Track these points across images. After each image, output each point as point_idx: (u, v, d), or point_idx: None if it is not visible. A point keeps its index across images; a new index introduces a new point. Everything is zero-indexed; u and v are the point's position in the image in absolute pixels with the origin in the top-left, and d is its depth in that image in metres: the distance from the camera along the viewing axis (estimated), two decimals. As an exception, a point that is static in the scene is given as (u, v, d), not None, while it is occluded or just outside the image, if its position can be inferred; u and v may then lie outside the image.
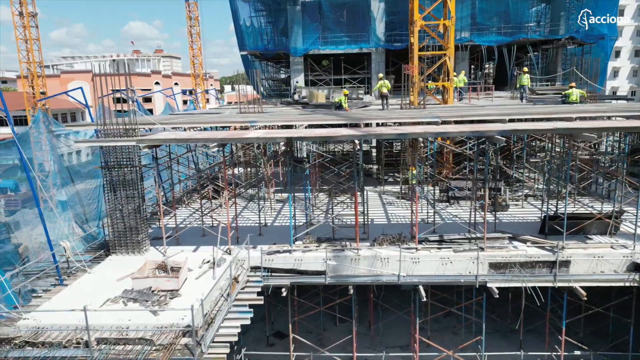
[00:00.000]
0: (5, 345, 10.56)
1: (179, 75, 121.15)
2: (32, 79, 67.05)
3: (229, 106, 31.00)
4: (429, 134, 13.97)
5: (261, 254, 15.00)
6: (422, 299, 14.30)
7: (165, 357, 10.02)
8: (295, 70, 41.50)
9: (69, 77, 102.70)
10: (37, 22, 66.67)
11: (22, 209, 65.57)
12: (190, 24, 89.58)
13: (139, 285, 12.74)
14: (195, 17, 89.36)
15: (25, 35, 65.21)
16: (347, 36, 40.80)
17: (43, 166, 42.36)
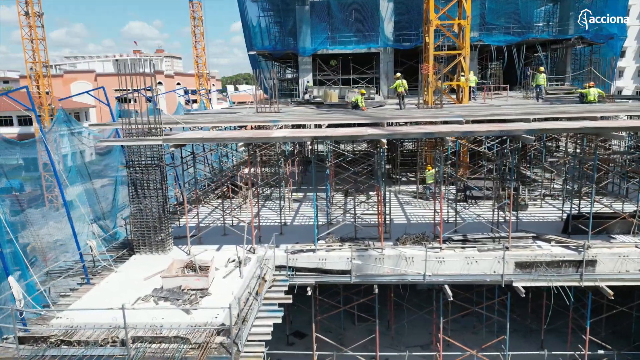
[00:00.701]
0: (41, 343, 10.57)
1: (182, 75, 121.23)
2: (37, 79, 67.15)
3: (246, 106, 30.99)
4: (456, 133, 13.99)
5: (287, 254, 15.01)
6: (449, 298, 14.30)
7: (203, 356, 10.03)
8: (303, 70, 41.52)
9: (71, 77, 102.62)
10: (42, 21, 66.78)
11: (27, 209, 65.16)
12: (194, 24, 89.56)
13: (169, 284, 12.75)
14: (199, 17, 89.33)
15: (31, 35, 65.30)
16: (356, 36, 40.84)
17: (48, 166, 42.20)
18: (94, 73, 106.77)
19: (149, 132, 14.96)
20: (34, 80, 66.87)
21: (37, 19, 65.30)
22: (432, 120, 16.05)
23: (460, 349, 16.59)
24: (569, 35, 38.89)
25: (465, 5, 24.23)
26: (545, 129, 14.30)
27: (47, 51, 68.63)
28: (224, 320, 11.31)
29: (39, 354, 10.25)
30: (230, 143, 21.46)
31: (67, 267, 15.89)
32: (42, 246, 46.57)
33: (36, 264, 39.60)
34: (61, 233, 31.76)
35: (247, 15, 44.41)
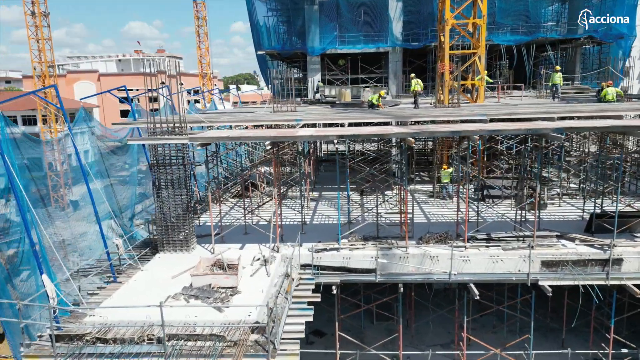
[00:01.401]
0: (77, 341, 10.58)
1: (184, 75, 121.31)
2: (44, 79, 67.21)
3: (262, 105, 31.01)
4: (484, 132, 14.01)
5: (312, 252, 15.03)
6: (475, 296, 14.30)
7: (240, 354, 10.04)
8: (312, 69, 41.53)
9: (74, 77, 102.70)
10: (48, 21, 66.87)
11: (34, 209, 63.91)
12: (198, 24, 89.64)
13: (198, 282, 12.77)
14: (203, 16, 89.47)
15: (37, 35, 65.36)
16: (365, 36, 40.87)
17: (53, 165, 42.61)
18: (97, 73, 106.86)
19: (173, 131, 14.96)
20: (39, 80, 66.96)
21: (43, 19, 65.44)
22: (455, 119, 16.06)
23: (482, 348, 16.60)
24: (578, 35, 38.91)
25: (481, 5, 24.21)
26: (572, 127, 14.32)
27: (53, 51, 68.69)
28: (257, 318, 11.33)
29: (76, 352, 10.26)
30: (254, 142, 21.43)
31: (89, 266, 15.91)
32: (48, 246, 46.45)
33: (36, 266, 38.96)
34: (67, 233, 31.84)
35: (255, 15, 44.45)
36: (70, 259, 22.59)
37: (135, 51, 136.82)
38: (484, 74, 24.38)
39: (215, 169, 18.39)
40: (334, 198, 23.41)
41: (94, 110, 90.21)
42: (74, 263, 20.53)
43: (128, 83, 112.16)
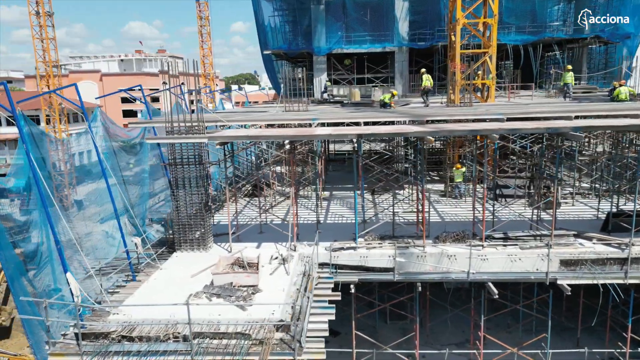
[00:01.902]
0: (102, 339, 10.60)
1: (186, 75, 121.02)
2: (48, 79, 67.25)
3: (274, 105, 31.02)
4: (503, 131, 14.02)
5: (330, 251, 15.05)
6: (494, 295, 14.31)
7: (267, 352, 10.05)
8: (318, 69, 41.55)
9: (77, 76, 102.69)
10: (53, 21, 66.90)
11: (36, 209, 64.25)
12: (201, 24, 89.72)
13: (219, 280, 12.77)
14: (205, 16, 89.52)
15: (42, 34, 65.42)
16: (371, 35, 40.88)
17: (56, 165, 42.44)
18: (99, 73, 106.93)
19: (190, 130, 14.97)
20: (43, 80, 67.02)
21: (48, 19, 65.48)
22: (472, 117, 16.07)
23: (497, 347, 16.60)
24: (584, 35, 38.91)
25: (492, 5, 24.22)
26: (592, 126, 14.33)
27: (57, 51, 68.76)
28: (281, 316, 11.34)
29: (103, 350, 10.26)
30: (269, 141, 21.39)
31: (107, 265, 15.90)
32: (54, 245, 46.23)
33: (49, 264, 39.24)
34: (72, 233, 31.18)
35: (261, 14, 44.50)
36: (75, 258, 22.53)
37: (136, 51, 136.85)
38: (494, 74, 24.38)
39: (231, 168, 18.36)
40: (344, 197, 23.44)
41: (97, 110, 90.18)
42: (79, 262, 20.47)
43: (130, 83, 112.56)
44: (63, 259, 12.94)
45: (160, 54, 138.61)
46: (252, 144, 23.37)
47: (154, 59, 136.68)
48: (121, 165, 24.67)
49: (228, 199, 16.18)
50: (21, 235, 14.58)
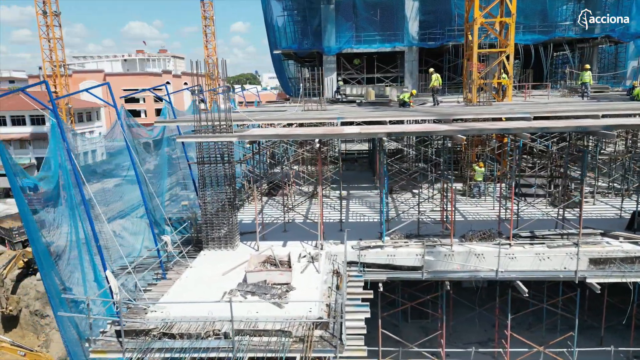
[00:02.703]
0: (143, 336, 10.64)
1: (188, 75, 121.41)
2: (54, 78, 67.36)
3: (292, 104, 31.02)
4: (533, 130, 14.05)
5: (358, 250, 15.08)
6: (524, 294, 14.34)
7: (310, 349, 10.09)
8: (327, 69, 41.56)
9: (80, 76, 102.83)
10: (60, 21, 67.00)
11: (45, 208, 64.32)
12: (205, 24, 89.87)
13: (253, 278, 12.82)
14: (210, 16, 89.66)
15: (49, 34, 65.51)
16: (381, 35, 40.91)
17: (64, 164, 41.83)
18: (102, 73, 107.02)
19: (217, 129, 15.01)
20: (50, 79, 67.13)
21: (54, 18, 65.57)
22: (497, 116, 16.11)
23: (521, 346, 16.62)
24: (595, 34, 38.96)
25: (509, 5, 24.24)
26: (623, 124, 14.35)
27: (64, 50, 68.82)
28: (318, 314, 11.38)
29: (145, 347, 10.31)
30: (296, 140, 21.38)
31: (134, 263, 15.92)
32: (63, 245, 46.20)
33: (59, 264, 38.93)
34: (81, 232, 30.90)
35: (271, 14, 44.55)
36: (86, 258, 22.48)
37: (137, 51, 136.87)
38: (512, 73, 24.41)
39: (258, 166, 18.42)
40: (362, 196, 23.49)
41: (101, 109, 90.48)
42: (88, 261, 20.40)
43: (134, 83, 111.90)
44: (102, 257, 12.97)
45: (161, 54, 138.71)
46: (276, 143, 23.37)
47: (157, 59, 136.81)
48: (125, 166, 24.64)
49: (255, 198, 16.23)
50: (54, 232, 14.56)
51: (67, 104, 68.33)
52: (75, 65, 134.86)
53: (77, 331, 13.58)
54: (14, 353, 30.49)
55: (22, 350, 30.97)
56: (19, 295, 42.47)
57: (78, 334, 13.59)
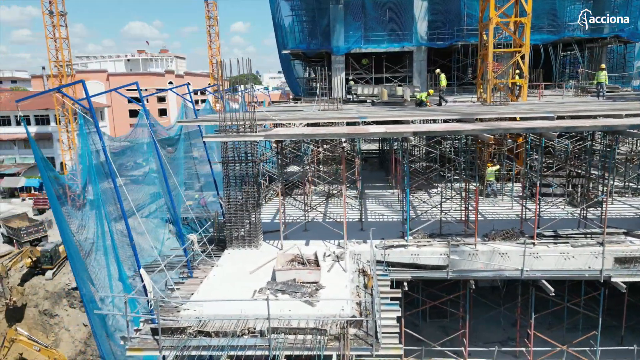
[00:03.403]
0: (178, 334, 10.67)
1: (191, 75, 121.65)
2: (61, 78, 67.43)
3: (309, 104, 31.05)
4: (559, 129, 14.08)
5: (383, 249, 15.12)
6: (551, 293, 14.38)
7: (347, 347, 10.13)
8: (336, 69, 41.58)
9: (83, 76, 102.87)
10: (66, 21, 67.11)
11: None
12: (209, 24, 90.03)
13: (282, 277, 12.86)
14: (214, 16, 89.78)
15: (55, 34, 65.58)
16: (389, 35, 40.90)
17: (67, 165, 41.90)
18: (105, 73, 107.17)
19: (241, 128, 15.05)
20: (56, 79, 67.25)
21: (61, 18, 65.68)
22: (519, 116, 16.15)
23: (542, 345, 16.65)
24: (604, 34, 38.96)
25: (524, 5, 24.28)
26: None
27: (70, 50, 68.91)
28: (351, 312, 11.42)
29: (183, 345, 10.35)
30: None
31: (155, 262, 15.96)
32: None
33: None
34: (89, 232, 30.65)
35: (279, 14, 44.56)
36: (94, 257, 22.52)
37: (138, 51, 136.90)
38: (527, 73, 24.45)
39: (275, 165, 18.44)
40: (378, 196, 23.52)
41: (105, 109, 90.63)
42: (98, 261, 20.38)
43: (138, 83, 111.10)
44: (136, 256, 13.01)
45: (163, 54, 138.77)
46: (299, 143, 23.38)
47: (159, 59, 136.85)
48: (129, 166, 24.59)
49: (280, 197, 16.27)
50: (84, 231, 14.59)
51: (72, 103, 68.32)
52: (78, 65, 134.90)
53: (105, 329, 13.63)
54: (29, 347, 31.44)
55: (37, 345, 31.60)
56: (24, 288, 42.64)
57: (106, 331, 13.64)
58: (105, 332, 13.64)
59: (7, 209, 64.21)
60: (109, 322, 13.72)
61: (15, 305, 39.66)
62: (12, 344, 31.77)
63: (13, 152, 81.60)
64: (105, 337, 13.39)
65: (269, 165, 22.86)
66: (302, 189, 24.07)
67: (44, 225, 51.66)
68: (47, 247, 44.34)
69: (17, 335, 31.83)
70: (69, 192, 13.17)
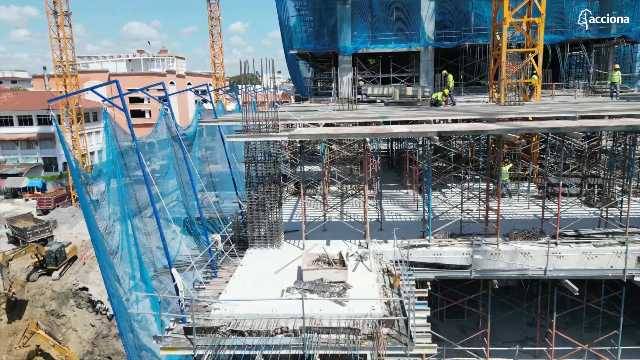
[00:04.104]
0: (210, 334, 10.67)
1: (191, 75, 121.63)
2: (65, 78, 67.41)
3: (324, 104, 31.07)
4: (584, 129, 14.09)
5: (407, 249, 15.14)
6: (575, 292, 14.41)
7: (383, 346, 10.14)
8: (343, 69, 41.62)
9: (85, 76, 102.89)
10: (70, 21, 67.09)
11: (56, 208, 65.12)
12: (212, 24, 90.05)
13: (310, 276, 12.87)
14: (216, 16, 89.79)
15: (59, 34, 65.54)
16: (396, 35, 40.95)
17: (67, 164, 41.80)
18: (107, 73, 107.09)
19: (264, 128, 15.06)
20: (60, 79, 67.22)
21: (65, 18, 65.67)
22: (541, 115, 16.19)
23: (562, 344, 16.68)
24: (612, 34, 39.03)
25: (538, 5, 24.34)
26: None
27: (75, 50, 68.92)
28: (381, 311, 11.44)
29: (216, 344, 10.35)
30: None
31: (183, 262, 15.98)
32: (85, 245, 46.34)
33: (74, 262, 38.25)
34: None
35: (286, 14, 44.53)
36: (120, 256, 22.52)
37: (138, 51, 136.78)
38: (540, 73, 24.50)
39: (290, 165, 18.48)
40: (391, 196, 23.54)
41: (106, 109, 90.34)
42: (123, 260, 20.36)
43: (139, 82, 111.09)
44: (168, 257, 13.00)
45: (163, 54, 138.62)
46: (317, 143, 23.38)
47: (161, 59, 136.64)
48: (131, 166, 24.40)
49: (302, 197, 16.28)
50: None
51: (77, 103, 68.33)
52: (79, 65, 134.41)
53: (130, 328, 13.63)
54: (46, 341, 33.06)
55: (52, 341, 32.76)
56: (25, 281, 42.74)
57: (132, 331, 13.64)
58: (130, 331, 13.63)
59: (10, 209, 64.14)
60: (134, 322, 13.72)
61: (15, 298, 39.72)
62: (31, 336, 33.74)
63: (15, 153, 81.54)
64: (131, 338, 13.39)
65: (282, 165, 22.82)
66: (315, 189, 24.11)
67: (49, 225, 51.65)
68: (53, 248, 44.31)
69: (37, 328, 33.60)
70: (92, 190, 13.15)
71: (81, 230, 53.43)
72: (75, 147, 67.22)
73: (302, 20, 44.27)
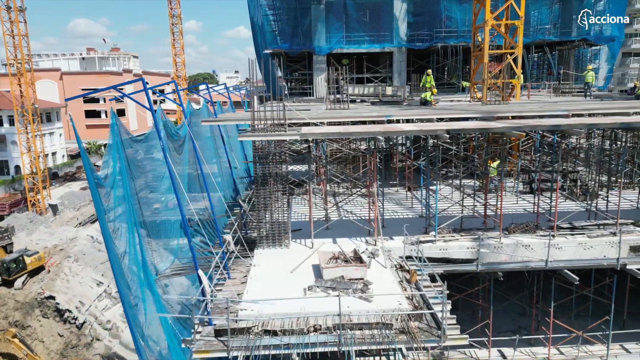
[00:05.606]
0: (243, 334, 10.52)
1: (149, 75, 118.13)
2: (19, 77, 64.12)
3: (316, 104, 30.89)
4: (583, 126, 14.83)
5: (410, 245, 15.43)
6: (575, 282, 15.13)
7: (419, 339, 10.31)
8: (317, 69, 41.74)
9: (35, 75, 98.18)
10: (25, 17, 63.87)
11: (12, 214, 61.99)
12: (173, 22, 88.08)
13: (330, 274, 12.89)
14: (177, 14, 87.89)
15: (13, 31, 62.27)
16: (370, 35, 41.47)
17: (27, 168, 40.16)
18: (59, 72, 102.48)
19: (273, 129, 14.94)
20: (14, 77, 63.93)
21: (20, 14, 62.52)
22: (538, 114, 16.90)
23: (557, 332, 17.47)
24: (573, 37, 41.10)
25: (516, 8, 25.32)
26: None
27: (30, 47, 65.74)
28: (407, 306, 11.62)
29: (251, 345, 10.21)
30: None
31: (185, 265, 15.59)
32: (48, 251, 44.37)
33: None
34: (55, 238, 28.71)
35: (259, 14, 44.16)
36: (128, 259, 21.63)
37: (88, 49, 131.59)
38: (520, 73, 25.50)
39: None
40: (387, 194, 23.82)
41: (61, 110, 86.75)
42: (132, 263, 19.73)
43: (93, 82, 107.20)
44: (194, 258, 12.64)
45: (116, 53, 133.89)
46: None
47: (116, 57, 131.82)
48: None
49: (310, 196, 16.25)
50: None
51: (33, 103, 65.05)
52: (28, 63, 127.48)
53: (140, 334, 13.19)
54: (19, 350, 31.90)
55: (26, 350, 31.25)
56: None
57: (141, 336, 13.20)
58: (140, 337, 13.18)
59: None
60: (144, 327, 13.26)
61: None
62: (6, 342, 32.50)
63: (8, 153, 76.78)
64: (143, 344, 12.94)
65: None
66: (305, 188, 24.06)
67: (8, 232, 48.80)
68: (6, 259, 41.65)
69: (12, 336, 32.57)
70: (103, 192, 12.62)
71: (41, 237, 50.85)
72: (32, 149, 63.98)
73: (277, 19, 44.03)
